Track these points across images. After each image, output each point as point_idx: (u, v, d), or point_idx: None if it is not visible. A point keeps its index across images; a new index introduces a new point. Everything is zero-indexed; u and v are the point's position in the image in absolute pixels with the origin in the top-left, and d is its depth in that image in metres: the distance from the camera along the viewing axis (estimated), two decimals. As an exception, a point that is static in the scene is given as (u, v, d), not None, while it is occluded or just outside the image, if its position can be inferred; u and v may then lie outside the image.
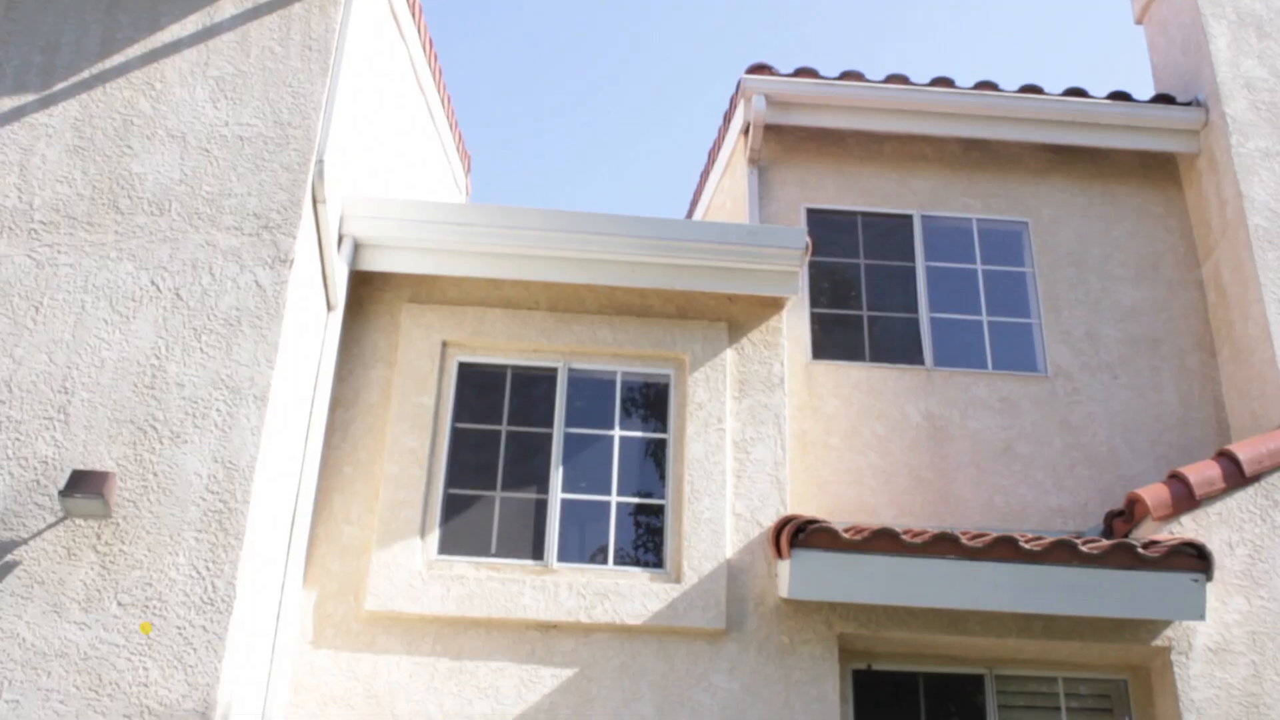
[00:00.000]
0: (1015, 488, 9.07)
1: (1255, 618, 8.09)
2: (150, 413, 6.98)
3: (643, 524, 8.43)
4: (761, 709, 7.80)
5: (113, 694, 6.36)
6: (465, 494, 8.39)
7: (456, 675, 7.76)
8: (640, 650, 7.92)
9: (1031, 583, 7.79)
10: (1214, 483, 8.33)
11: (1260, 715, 7.85)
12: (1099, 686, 8.36)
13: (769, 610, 8.05)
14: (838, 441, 9.13)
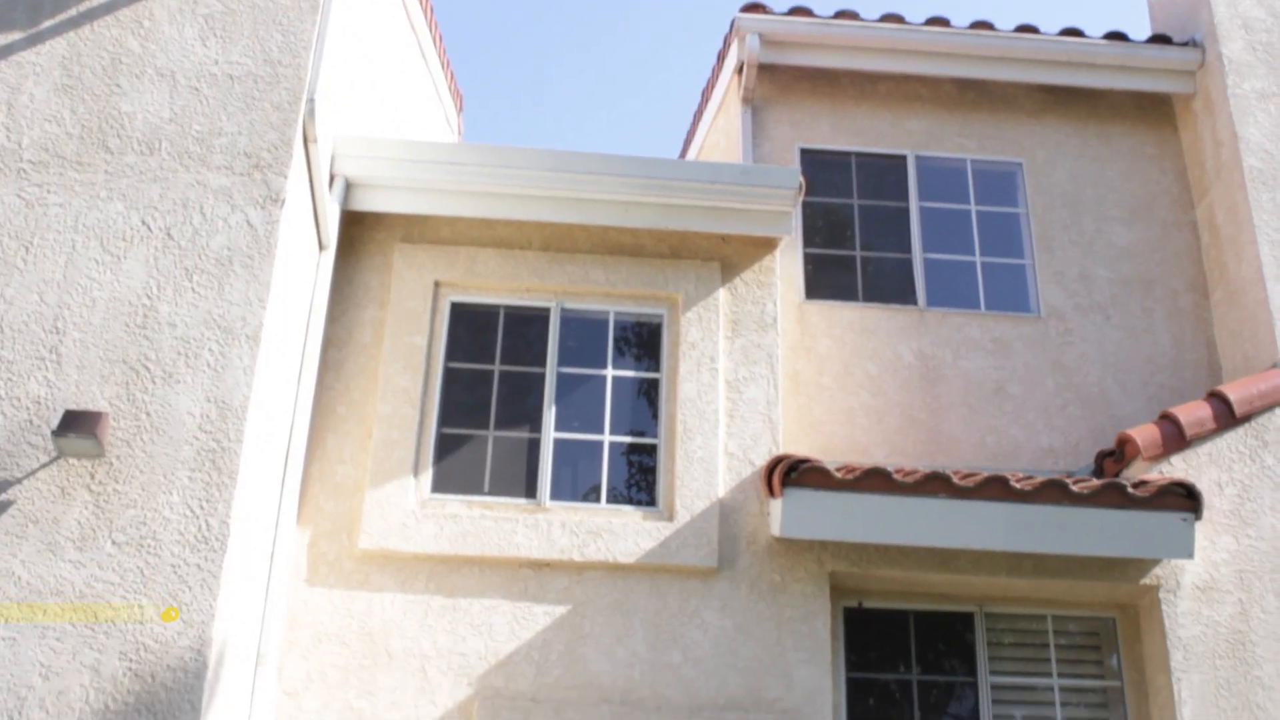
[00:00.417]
0: (1007, 428, 9.10)
1: (1243, 556, 8.14)
2: (142, 352, 6.98)
3: (635, 463, 8.46)
4: (753, 646, 7.86)
5: (108, 631, 6.41)
6: (458, 433, 8.42)
7: (450, 613, 7.81)
8: (633, 588, 7.97)
9: (1022, 522, 7.83)
10: (1204, 423, 8.37)
11: (1246, 652, 7.93)
12: (1087, 624, 8.44)
13: (761, 548, 8.10)
14: (830, 381, 9.15)
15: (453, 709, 7.58)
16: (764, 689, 7.76)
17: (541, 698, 7.64)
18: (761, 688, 7.76)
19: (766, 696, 7.74)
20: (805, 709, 7.71)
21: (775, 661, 7.83)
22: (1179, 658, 7.88)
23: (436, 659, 7.69)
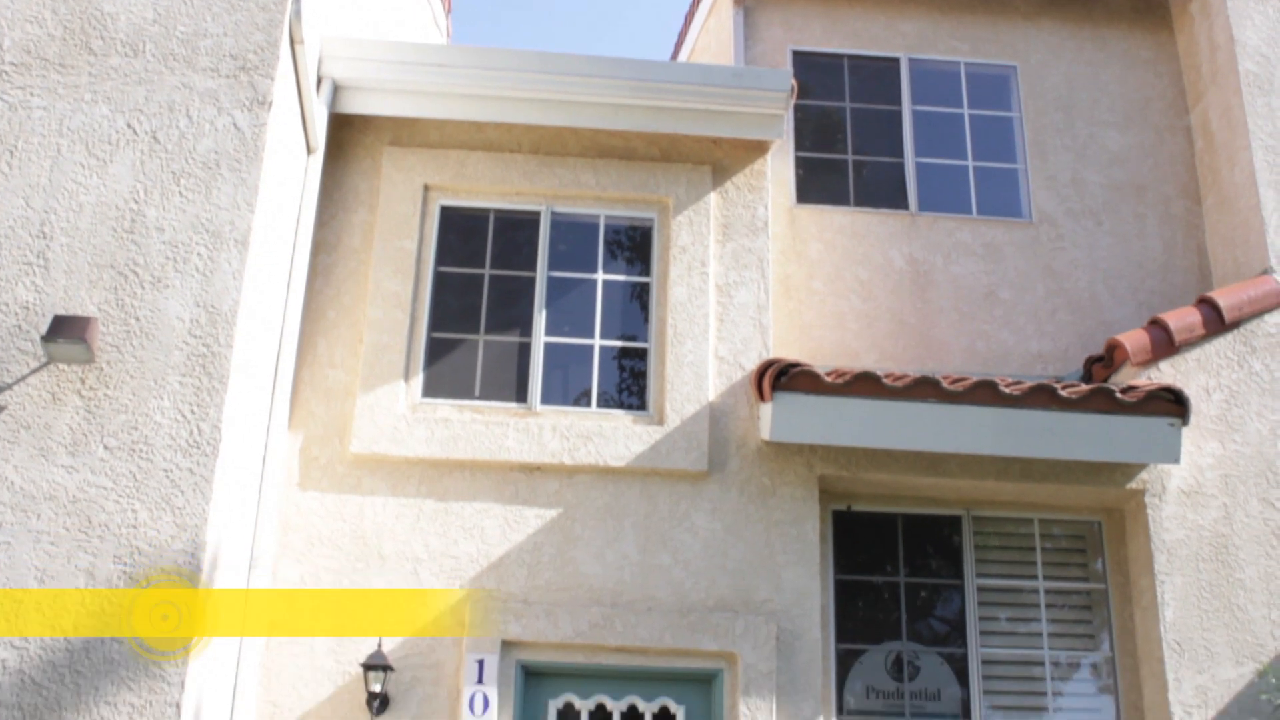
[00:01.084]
0: (997, 333, 9.12)
1: (1228, 461, 8.21)
2: (130, 257, 6.94)
3: (626, 367, 8.47)
4: (742, 549, 7.93)
5: (102, 535, 6.44)
6: (448, 338, 8.41)
7: (442, 516, 7.86)
8: (623, 491, 8.02)
9: (1010, 426, 7.88)
10: (1194, 329, 8.38)
11: (1229, 555, 8.02)
12: (1073, 528, 8.52)
13: (750, 452, 8.15)
14: (821, 286, 9.14)
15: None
16: (753, 591, 7.84)
17: (533, 599, 7.72)
18: (750, 589, 7.85)
19: (755, 598, 7.82)
20: (794, 610, 7.80)
21: (764, 564, 7.91)
22: (1163, 561, 7.97)
23: (428, 561, 7.75)
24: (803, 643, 7.74)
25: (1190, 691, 7.71)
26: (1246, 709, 7.60)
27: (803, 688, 7.65)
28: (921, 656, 8.17)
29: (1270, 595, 7.94)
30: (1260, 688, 7.59)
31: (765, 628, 7.70)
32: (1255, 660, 7.77)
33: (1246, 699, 7.67)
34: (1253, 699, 7.62)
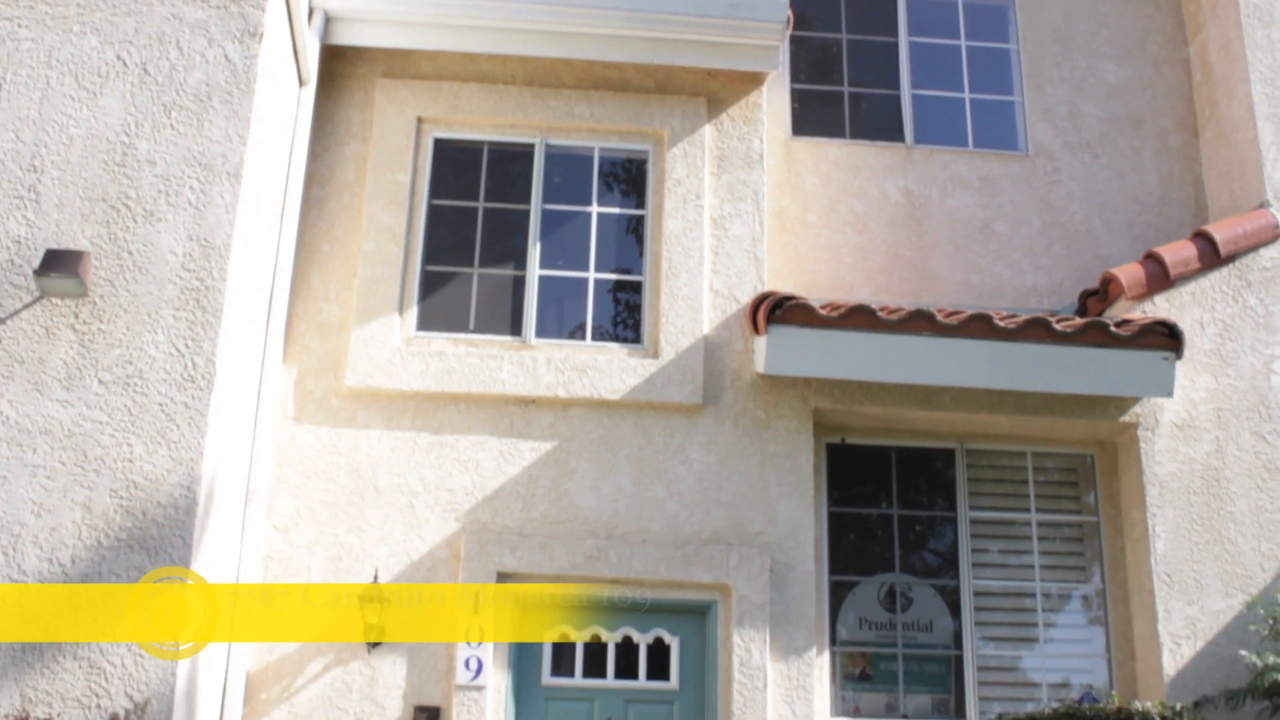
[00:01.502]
0: (992, 266, 9.09)
1: (1221, 395, 8.23)
2: (122, 191, 6.90)
3: (621, 300, 8.46)
4: (736, 481, 7.96)
5: (98, 469, 6.46)
6: (443, 271, 8.39)
7: (437, 449, 7.88)
8: (618, 424, 8.04)
9: (1005, 359, 7.89)
10: (1189, 263, 8.37)
11: (1220, 488, 8.06)
12: (1066, 461, 8.56)
13: (745, 385, 8.16)
14: (816, 219, 9.10)
15: (440, 543, 7.70)
16: (747, 523, 7.88)
17: (528, 532, 7.76)
18: (744, 522, 7.89)
19: (749, 530, 7.87)
20: (787, 542, 7.85)
21: (758, 496, 7.94)
22: (1155, 494, 8.01)
23: (424, 494, 7.78)
24: (796, 574, 7.80)
25: (1179, 623, 7.78)
26: (1235, 640, 7.67)
27: (796, 619, 7.72)
28: (914, 588, 8.24)
29: (1260, 528, 7.99)
30: (1248, 619, 7.66)
31: (759, 560, 7.75)
32: (1244, 592, 7.83)
33: (1235, 630, 7.74)
34: (1241, 630, 7.69)
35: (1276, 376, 8.28)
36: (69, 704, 6.11)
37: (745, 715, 7.46)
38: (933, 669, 8.10)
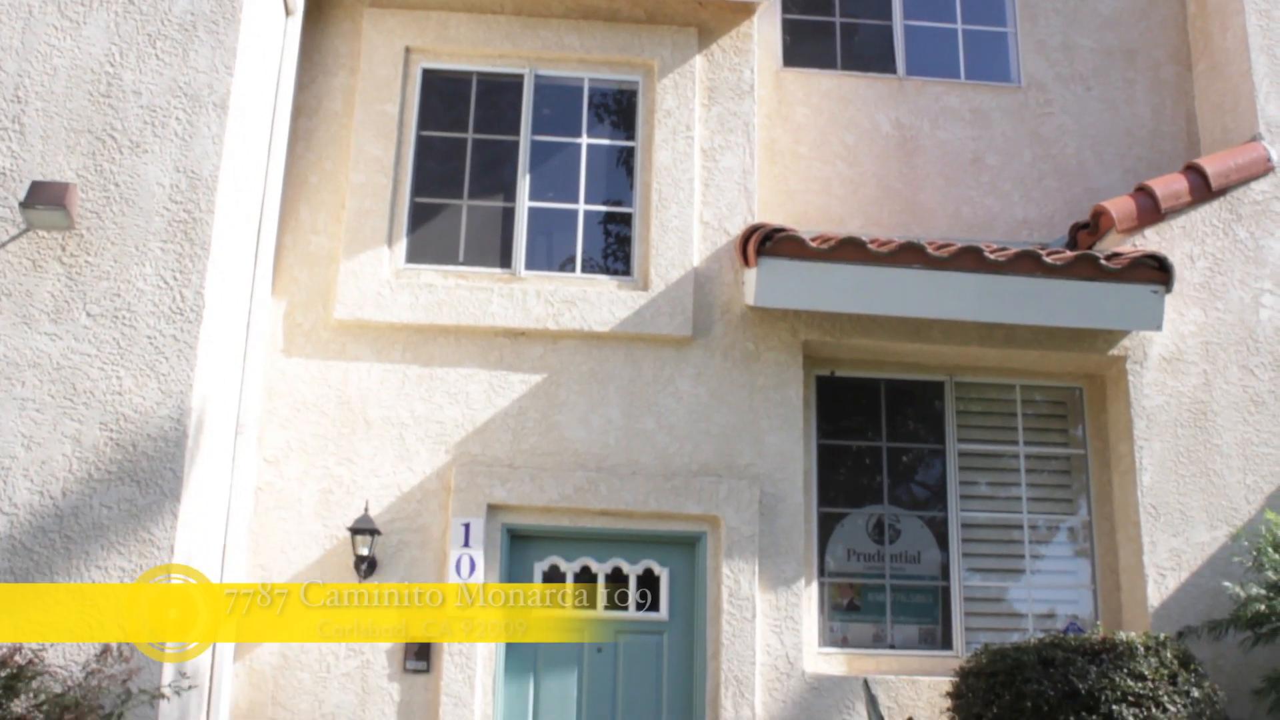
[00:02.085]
0: (983, 199, 9.06)
1: (1210, 329, 8.24)
2: (108, 122, 6.85)
3: (611, 233, 8.44)
4: (726, 413, 7.98)
5: (88, 402, 6.46)
6: (432, 203, 8.35)
7: (426, 381, 7.88)
8: (608, 357, 8.04)
9: (995, 292, 7.89)
10: (1180, 196, 8.35)
11: (1207, 421, 8.09)
12: (1055, 394, 8.59)
13: (735, 318, 8.16)
14: (806, 150, 9.05)
15: (430, 475, 7.72)
16: (736, 455, 7.92)
17: (518, 464, 7.79)
18: (734, 453, 7.92)
19: (739, 462, 7.90)
20: (776, 474, 7.88)
21: (748, 428, 7.97)
22: (1142, 426, 8.04)
23: (414, 426, 7.79)
24: (785, 506, 7.84)
25: (1164, 554, 7.84)
26: (1219, 571, 7.74)
27: (785, 550, 7.77)
28: (902, 520, 8.29)
29: (1246, 461, 8.04)
30: (1232, 551, 7.72)
31: (748, 491, 7.79)
32: (1229, 524, 7.89)
33: (1219, 561, 7.80)
34: (1225, 561, 7.76)
35: (1265, 310, 8.29)
36: (62, 634, 6.14)
37: (734, 645, 7.53)
38: (920, 600, 8.17)
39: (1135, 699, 6.55)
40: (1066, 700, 6.57)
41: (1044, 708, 6.59)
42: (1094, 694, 6.55)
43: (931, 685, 7.61)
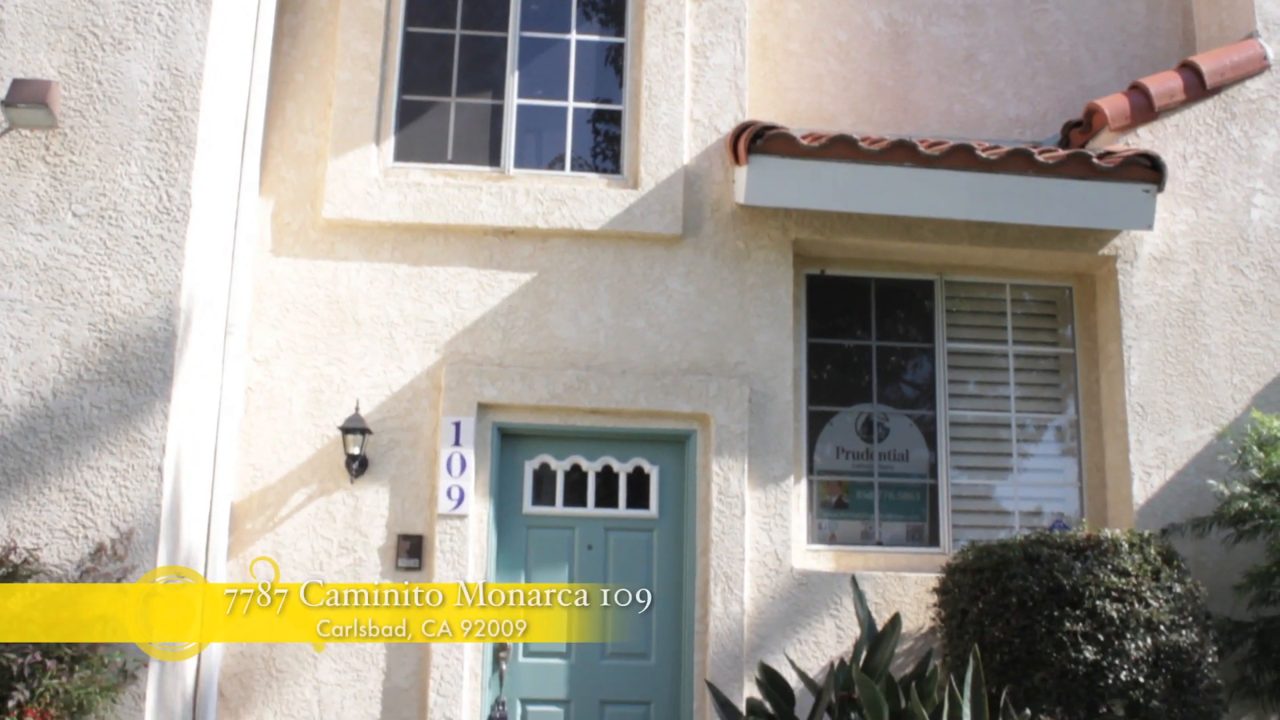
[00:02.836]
0: (975, 96, 8.97)
1: (1201, 228, 8.22)
2: (89, 18, 6.74)
3: (600, 131, 8.37)
4: (716, 312, 7.98)
5: (76, 303, 6.45)
6: (420, 100, 8.26)
7: (416, 281, 7.86)
8: (598, 255, 8.02)
9: (986, 191, 7.86)
10: (1174, 94, 8.28)
11: (1196, 321, 8.11)
12: (1044, 293, 8.59)
13: (725, 216, 8.12)
14: (798, 47, 8.93)
15: (421, 374, 7.73)
16: (726, 353, 7.93)
17: (508, 363, 7.80)
18: (724, 352, 7.93)
19: (728, 360, 7.92)
20: (766, 373, 7.90)
21: (738, 327, 7.97)
22: (1131, 326, 8.06)
23: (404, 326, 7.79)
24: (774, 404, 7.87)
25: (1151, 453, 7.90)
26: (1204, 470, 7.80)
27: (774, 448, 7.81)
28: (891, 418, 8.33)
29: (1233, 360, 8.07)
30: (1218, 449, 7.78)
31: (738, 390, 7.82)
32: (1215, 423, 7.94)
33: (1204, 460, 7.86)
34: (1210, 460, 7.82)
35: (1256, 210, 8.27)
36: (56, 534, 6.20)
37: (723, 542, 7.61)
38: (908, 498, 8.24)
39: (1118, 594, 6.64)
40: (1051, 595, 6.67)
41: (1028, 603, 6.69)
42: (1078, 589, 6.64)
43: (918, 581, 7.70)
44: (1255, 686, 7.29)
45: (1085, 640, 6.55)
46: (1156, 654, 6.57)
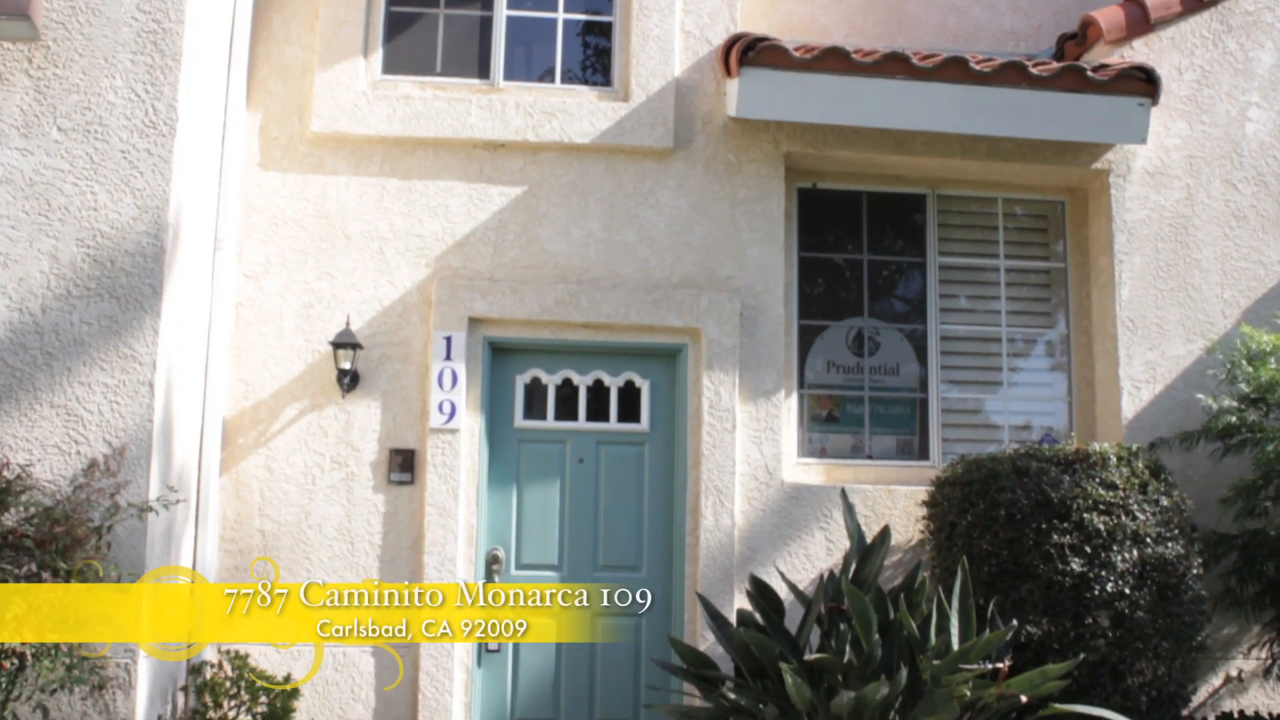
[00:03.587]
0: (969, 8, 8.86)
1: (1195, 142, 8.18)
2: (71, -73, 6.62)
3: (591, 43, 8.28)
4: (707, 225, 7.96)
5: (63, 218, 6.40)
6: (408, 11, 8.15)
7: (406, 195, 7.82)
8: (588, 169, 7.97)
9: (979, 104, 7.80)
10: (1170, 6, 8.19)
11: (1188, 236, 8.10)
12: (1036, 208, 8.56)
13: (716, 129, 8.07)
14: (791, -44, 8.83)
15: (411, 289, 7.72)
16: (717, 267, 7.92)
17: (499, 277, 7.78)
18: (715, 266, 7.92)
19: (719, 274, 7.90)
20: (757, 286, 7.90)
21: (729, 240, 7.95)
22: (1123, 240, 8.05)
23: (394, 241, 7.76)
24: (766, 318, 7.87)
25: (1140, 367, 7.92)
26: (1193, 384, 7.84)
27: (765, 362, 7.83)
28: (881, 333, 8.34)
29: (1225, 275, 8.07)
30: (1207, 364, 7.80)
31: (729, 304, 7.81)
32: (1205, 338, 7.96)
33: (1193, 375, 7.89)
34: (1199, 375, 7.85)
35: (1251, 124, 8.22)
36: (48, 450, 6.20)
37: (714, 455, 7.65)
38: (898, 411, 8.27)
39: (1106, 507, 6.70)
40: (1039, 509, 6.72)
41: (1017, 515, 6.74)
42: (1066, 502, 6.70)
43: (908, 495, 7.76)
44: (1239, 598, 7.39)
45: (1072, 552, 6.61)
46: (1142, 566, 6.64)
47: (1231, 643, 7.75)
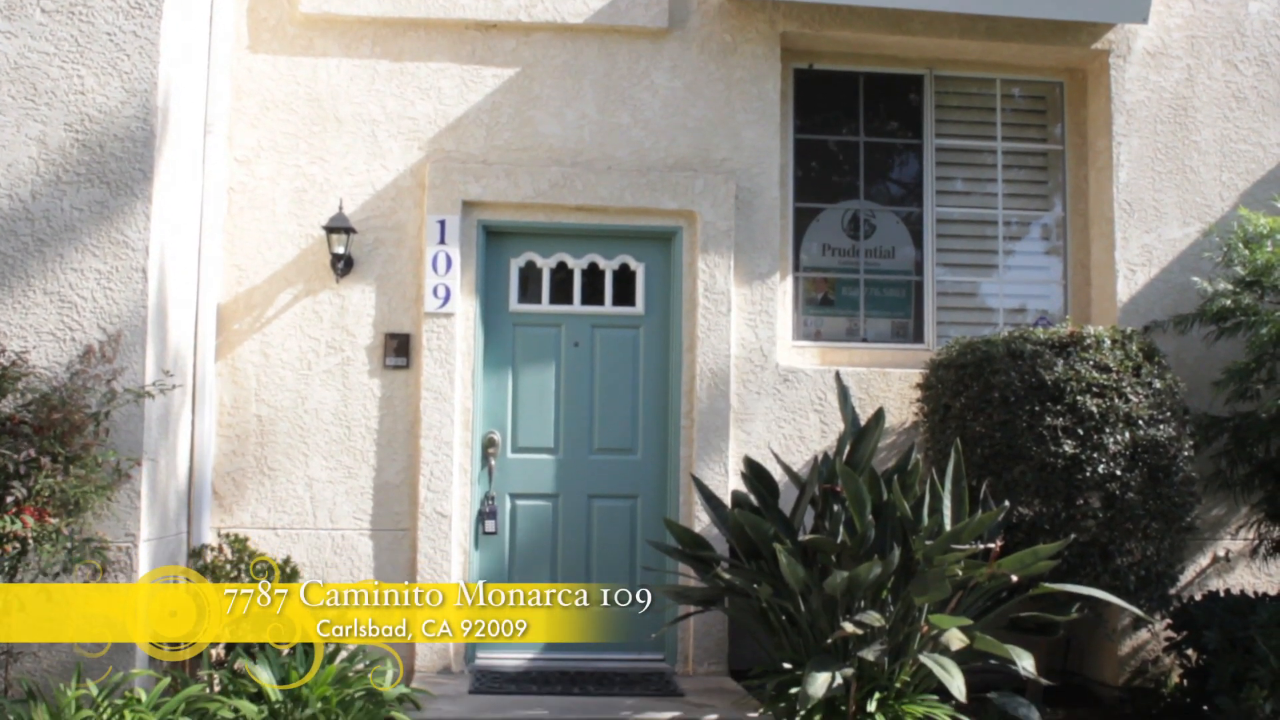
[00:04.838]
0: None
1: (1196, 22, 8.07)
2: None
3: (583, -81, 8.12)
4: (702, 107, 7.88)
5: (50, 103, 6.32)
6: (397, -114, 7.99)
7: (397, 77, 7.72)
8: (582, 50, 7.87)
9: (978, -18, 7.70)
10: (1174, -121, 8.04)
11: (1187, 117, 8.03)
12: (1035, 89, 8.47)
13: (712, 9, 7.95)
14: None
15: (404, 172, 7.66)
16: (712, 149, 7.86)
17: (492, 160, 7.72)
18: (710, 148, 7.86)
19: (714, 157, 7.85)
20: (753, 169, 7.84)
21: (724, 122, 7.88)
22: (1121, 122, 7.98)
23: (386, 123, 7.68)
24: (761, 201, 7.83)
25: (1136, 250, 7.91)
26: (1188, 267, 7.83)
27: (760, 244, 7.80)
28: (877, 215, 8.30)
29: (1223, 158, 8.01)
30: (1203, 247, 7.78)
31: (724, 186, 7.77)
32: (1202, 221, 7.93)
33: (1189, 258, 7.88)
34: (1195, 258, 7.83)
35: (1254, 3, 8.10)
36: (43, 337, 6.20)
37: (709, 338, 7.66)
38: (893, 294, 8.27)
39: (1099, 390, 6.72)
40: (1033, 391, 6.74)
41: (1010, 398, 6.77)
42: (1059, 385, 6.71)
43: (902, 377, 7.79)
44: (1228, 480, 7.45)
45: (1065, 434, 6.65)
46: (1134, 448, 6.68)
47: (1220, 524, 7.83)
